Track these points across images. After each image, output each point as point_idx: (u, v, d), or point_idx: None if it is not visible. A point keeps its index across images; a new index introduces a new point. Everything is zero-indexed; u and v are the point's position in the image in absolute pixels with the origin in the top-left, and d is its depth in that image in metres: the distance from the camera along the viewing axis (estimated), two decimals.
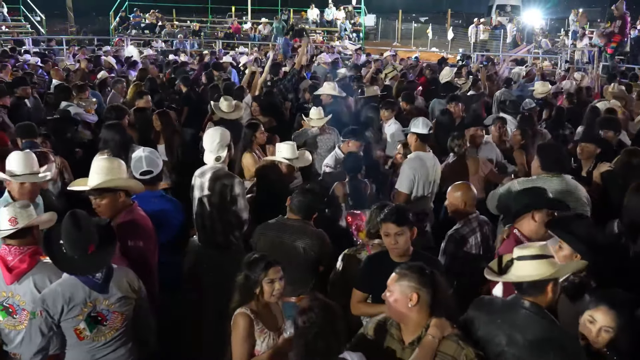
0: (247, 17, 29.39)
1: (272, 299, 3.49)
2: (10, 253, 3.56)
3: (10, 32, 24.56)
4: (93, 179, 4.02)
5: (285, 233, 4.44)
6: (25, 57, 15.48)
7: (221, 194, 4.85)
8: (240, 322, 3.42)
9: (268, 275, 3.44)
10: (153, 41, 23.98)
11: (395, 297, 3.05)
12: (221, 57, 16.08)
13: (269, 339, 3.47)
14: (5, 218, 3.55)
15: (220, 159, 4.98)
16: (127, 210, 4.06)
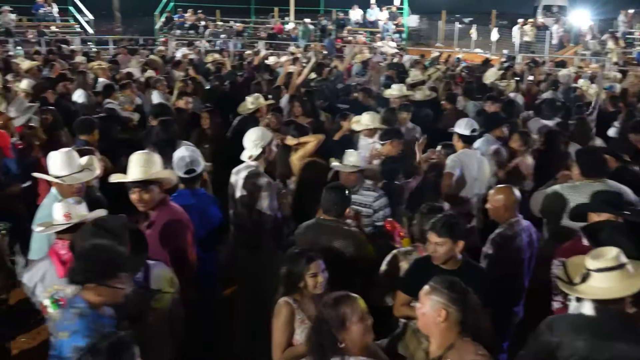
0: (289, 17, 29.48)
1: (317, 291, 3.62)
2: (64, 247, 3.63)
3: (59, 32, 25.19)
4: (135, 172, 4.07)
5: (322, 234, 4.45)
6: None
7: (251, 194, 4.87)
8: (283, 310, 3.58)
9: (310, 269, 3.61)
10: (196, 41, 24.27)
11: (425, 311, 3.02)
12: (267, 57, 16.11)
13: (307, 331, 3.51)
14: (60, 213, 3.64)
15: (252, 158, 5.00)
16: (163, 204, 4.11)
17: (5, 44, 20.30)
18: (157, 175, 4.07)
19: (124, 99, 8.97)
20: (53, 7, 26.27)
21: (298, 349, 3.50)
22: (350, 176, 5.30)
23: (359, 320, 2.99)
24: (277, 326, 3.58)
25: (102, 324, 3.08)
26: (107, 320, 3.15)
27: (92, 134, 6.24)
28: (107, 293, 3.08)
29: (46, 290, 3.66)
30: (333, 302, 3.05)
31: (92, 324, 3.03)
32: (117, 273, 3.09)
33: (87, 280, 3.08)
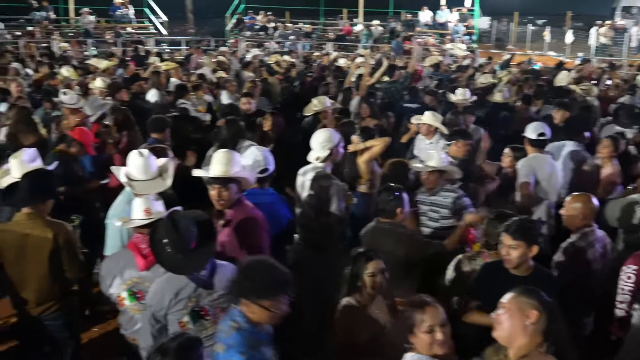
0: (358, 19, 29.46)
1: (374, 292, 3.61)
2: (144, 241, 3.72)
3: (135, 33, 26.02)
4: (217, 169, 4.12)
5: (379, 236, 4.45)
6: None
7: (318, 195, 4.87)
8: (345, 310, 3.58)
9: (368, 269, 3.60)
10: (266, 42, 24.58)
11: (512, 313, 2.88)
12: (336, 59, 16.15)
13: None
14: (141, 209, 3.75)
15: (319, 159, 5.01)
16: (239, 203, 4.15)
17: (82, 45, 21.10)
18: (238, 174, 4.12)
19: (197, 99, 9.16)
20: (129, 9, 27.18)
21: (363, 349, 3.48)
22: (430, 177, 5.30)
23: (427, 331, 2.95)
24: (339, 327, 3.58)
25: (259, 341, 3.07)
26: (265, 336, 3.14)
27: (163, 132, 6.38)
28: (262, 313, 3.05)
29: (124, 282, 3.79)
30: (410, 304, 3.05)
31: (249, 339, 3.02)
32: (277, 295, 3.05)
33: (245, 296, 3.06)
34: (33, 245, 4.17)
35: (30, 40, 21.29)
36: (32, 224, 4.20)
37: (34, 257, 4.19)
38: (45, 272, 4.22)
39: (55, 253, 4.21)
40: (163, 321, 3.47)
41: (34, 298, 4.26)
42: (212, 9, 31.48)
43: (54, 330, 4.39)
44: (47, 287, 4.26)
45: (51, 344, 4.51)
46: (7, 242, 4.19)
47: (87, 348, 5.28)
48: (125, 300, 3.82)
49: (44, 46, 20.95)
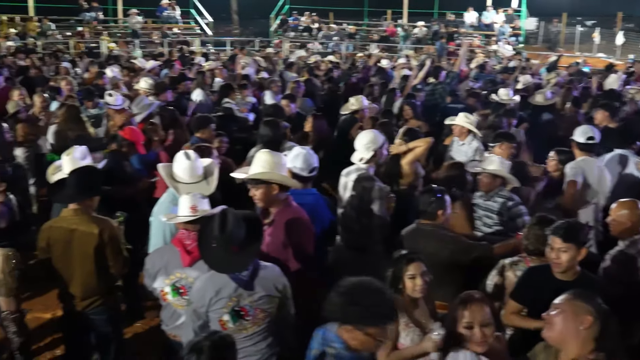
0: (402, 20, 29.30)
1: (415, 294, 3.57)
2: (189, 237, 3.78)
3: (181, 34, 26.43)
4: (252, 170, 4.19)
5: (420, 238, 4.42)
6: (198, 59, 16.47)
7: (361, 197, 4.86)
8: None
9: (409, 271, 3.56)
10: (309, 43, 24.66)
11: (565, 316, 2.82)
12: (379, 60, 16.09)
13: (413, 335, 3.52)
14: (187, 206, 3.79)
15: (362, 160, 4.99)
16: (284, 203, 4.17)
17: (130, 45, 21.52)
18: (269, 177, 4.13)
19: (241, 99, 9.24)
20: (176, 10, 27.59)
21: (403, 353, 3.45)
22: (484, 180, 5.25)
23: (466, 327, 2.96)
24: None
25: None
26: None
27: (208, 131, 6.45)
28: (366, 340, 2.89)
29: (168, 277, 3.84)
30: (460, 299, 3.03)
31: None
32: (380, 323, 2.88)
33: (346, 321, 2.92)
34: (79, 241, 4.27)
35: (80, 41, 21.85)
36: (79, 219, 4.30)
37: (80, 252, 4.29)
38: (90, 267, 4.31)
39: (100, 248, 4.30)
40: (205, 318, 3.50)
41: (79, 292, 4.36)
42: (256, 10, 31.72)
43: (98, 325, 4.48)
44: (92, 282, 4.35)
45: (95, 338, 4.62)
46: (55, 237, 4.31)
47: (129, 343, 5.38)
48: (169, 295, 3.87)
49: (92, 46, 21.49)
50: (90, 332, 4.55)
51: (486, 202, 5.27)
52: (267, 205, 4.17)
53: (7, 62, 13.75)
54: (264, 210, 4.23)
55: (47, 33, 23.38)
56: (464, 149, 6.85)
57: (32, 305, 5.99)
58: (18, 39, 21.26)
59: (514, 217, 5.11)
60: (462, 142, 6.94)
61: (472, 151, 6.81)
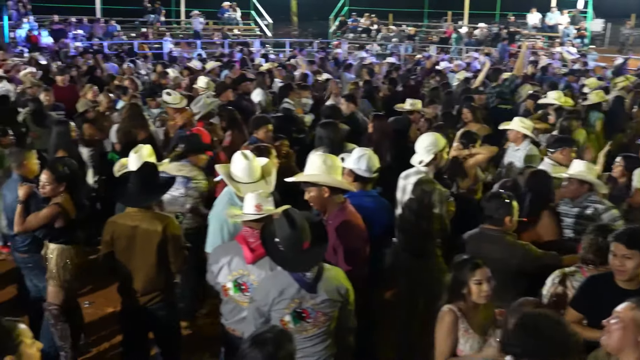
0: (463, 21, 28.90)
1: (480, 300, 3.51)
2: (252, 235, 3.82)
3: (241, 35, 26.79)
4: (305, 172, 4.22)
5: (486, 243, 4.32)
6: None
7: (420, 200, 4.81)
8: (446, 317, 3.49)
9: (475, 276, 3.48)
10: (368, 44, 24.60)
11: (625, 325, 2.72)
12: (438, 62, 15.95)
13: (473, 341, 3.46)
14: (252, 204, 3.83)
15: (422, 163, 4.93)
16: (339, 207, 4.16)
17: (191, 46, 21.96)
18: (317, 179, 4.13)
19: (297, 101, 9.29)
20: (237, 12, 27.99)
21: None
22: (571, 186, 5.12)
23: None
24: (439, 334, 3.51)
25: None
26: None
27: (264, 131, 6.50)
28: None
29: (231, 273, 3.90)
30: (511, 307, 2.98)
31: None
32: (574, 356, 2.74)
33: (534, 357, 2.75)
34: (143, 236, 4.36)
35: (143, 42, 22.42)
36: (142, 215, 4.40)
37: (143, 248, 4.37)
38: (152, 263, 4.39)
39: (163, 244, 4.38)
40: (267, 316, 3.53)
41: (140, 287, 4.44)
42: (316, 11, 31.84)
43: (158, 320, 4.56)
44: (154, 278, 4.43)
45: (155, 332, 4.72)
46: (119, 232, 4.41)
47: (187, 338, 5.48)
48: (230, 290, 3.93)
49: (156, 47, 22.04)
50: (149, 327, 4.64)
51: (573, 209, 5.09)
52: (322, 208, 4.17)
53: (77, 63, 14.21)
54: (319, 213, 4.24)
55: (112, 34, 24.09)
56: (519, 154, 6.61)
57: (95, 299, 6.20)
58: (85, 39, 22.00)
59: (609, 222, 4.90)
60: (517, 147, 6.70)
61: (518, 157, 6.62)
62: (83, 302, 5.89)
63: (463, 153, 5.93)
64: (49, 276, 4.97)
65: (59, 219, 4.87)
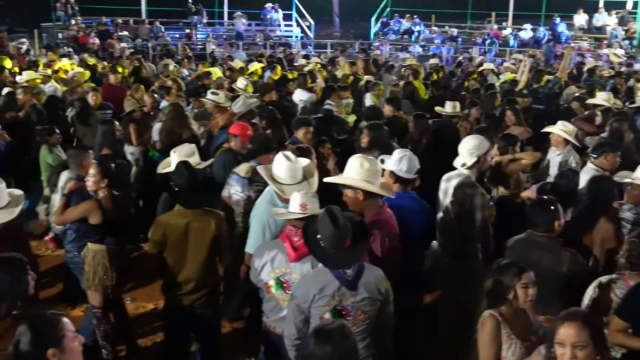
0: (507, 22, 28.48)
1: (525, 304, 3.47)
2: (296, 234, 3.87)
3: (283, 36, 26.93)
4: (343, 174, 4.24)
5: (533, 249, 4.24)
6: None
7: (462, 203, 4.76)
8: (488, 322, 3.44)
9: (522, 280, 3.44)
10: (410, 46, 24.45)
11: None
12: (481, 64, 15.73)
13: (515, 347, 3.42)
14: (297, 203, 3.88)
15: (465, 166, 4.88)
16: (375, 209, 4.17)
17: (234, 47, 22.17)
18: (349, 182, 4.14)
19: (339, 102, 9.29)
20: (279, 13, 28.14)
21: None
22: (633, 192, 5.04)
23: (557, 344, 2.83)
24: (483, 340, 3.46)
25: None
26: None
27: (304, 132, 6.52)
28: None
29: (274, 270, 3.95)
30: (559, 315, 2.92)
31: None
32: None
33: None
34: (195, 233, 4.39)
35: (187, 43, 22.74)
36: (194, 212, 4.43)
37: (196, 244, 4.41)
38: (203, 259, 4.44)
39: (214, 241, 4.44)
40: (306, 314, 3.56)
41: (189, 285, 4.48)
42: (358, 13, 31.80)
43: (204, 317, 4.62)
44: (203, 274, 4.48)
45: (197, 330, 4.77)
46: (171, 230, 4.42)
47: (228, 336, 5.53)
48: (272, 288, 3.98)
49: (199, 47, 22.33)
50: (194, 324, 4.68)
51: (636, 215, 4.97)
52: (358, 210, 4.16)
53: (123, 64, 14.50)
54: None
55: (157, 35, 24.48)
56: (559, 159, 6.48)
57: (136, 295, 6.31)
58: (130, 40, 22.41)
59: None
60: (558, 152, 6.57)
61: (569, 162, 6.46)
62: (125, 298, 6.01)
63: (506, 159, 5.85)
64: (84, 278, 5.06)
65: (94, 215, 4.92)
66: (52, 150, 7.14)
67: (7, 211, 4.22)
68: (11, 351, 2.61)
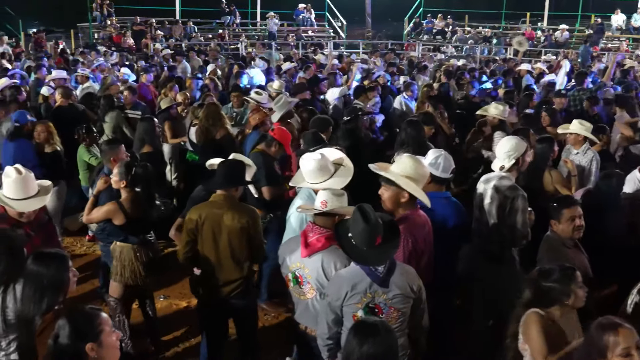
0: (542, 23, 28.10)
1: (580, 303, 3.48)
2: (312, 230, 3.92)
3: (315, 36, 26.97)
4: (392, 169, 4.20)
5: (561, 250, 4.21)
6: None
7: (502, 206, 4.68)
8: (534, 318, 3.41)
9: (577, 280, 3.45)
10: (443, 47, 24.26)
11: None
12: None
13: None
14: (319, 200, 3.92)
15: (503, 168, 4.81)
16: (410, 210, 4.13)
17: (266, 47, 22.24)
18: (399, 181, 4.08)
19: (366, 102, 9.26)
20: (311, 13, 28.19)
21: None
22: None
23: (622, 354, 2.76)
24: (533, 334, 3.39)
25: None
26: None
27: (327, 132, 6.52)
28: None
29: (291, 265, 4.01)
30: (602, 325, 2.85)
31: None
32: None
33: None
34: (228, 224, 4.41)
35: (220, 43, 22.91)
36: (228, 204, 4.45)
37: (229, 235, 4.43)
38: (237, 252, 4.47)
39: (248, 235, 4.45)
40: (339, 312, 3.55)
41: (224, 277, 4.52)
42: (390, 13, 31.71)
43: (239, 310, 4.67)
44: (237, 267, 4.51)
45: (235, 322, 4.83)
46: (204, 220, 4.45)
47: (263, 333, 5.54)
48: (290, 282, 4.06)
49: (232, 48, 22.47)
50: (231, 316, 4.76)
51: None
52: (393, 208, 4.13)
53: (157, 63, 14.65)
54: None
55: (190, 35, 24.71)
56: (578, 158, 6.39)
57: (169, 292, 6.36)
58: (164, 40, 22.66)
59: None
60: (576, 151, 6.49)
61: (587, 161, 6.37)
62: (158, 295, 6.06)
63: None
64: (112, 271, 5.21)
65: (117, 216, 5.03)
66: (89, 149, 7.25)
67: (37, 199, 4.38)
68: (51, 344, 2.65)
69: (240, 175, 4.62)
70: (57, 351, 2.64)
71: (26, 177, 4.34)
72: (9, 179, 4.29)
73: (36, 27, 25.62)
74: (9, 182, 4.29)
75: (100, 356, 2.68)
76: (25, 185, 4.32)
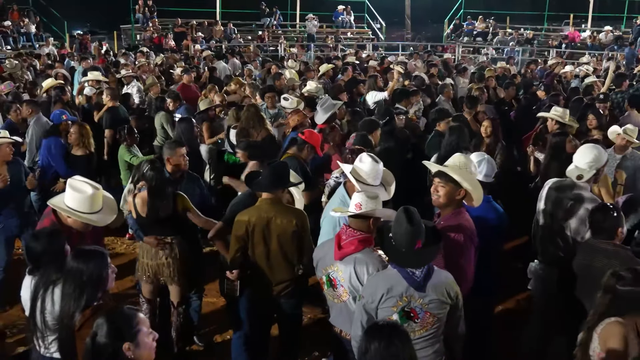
0: (586, 24, 27.54)
1: None
2: (345, 233, 3.90)
3: (354, 38, 26.94)
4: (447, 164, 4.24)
5: (598, 256, 4.12)
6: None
7: (581, 218, 4.66)
8: (618, 327, 3.26)
9: None
10: (483, 48, 23.95)
11: None
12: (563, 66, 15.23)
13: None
14: (354, 202, 3.89)
15: (581, 178, 4.70)
16: (455, 211, 4.12)
17: (305, 48, 22.31)
18: (463, 178, 4.09)
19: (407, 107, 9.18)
20: (351, 15, 28.18)
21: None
22: None
23: None
24: (619, 345, 3.23)
25: None
26: None
27: (373, 134, 6.48)
28: None
29: (325, 267, 4.02)
30: None
31: None
32: None
33: None
34: (278, 227, 4.47)
35: (259, 44, 23.05)
36: (276, 207, 4.51)
37: (279, 238, 4.49)
38: (287, 252, 4.52)
39: (297, 235, 4.50)
40: (373, 314, 3.52)
41: (275, 277, 4.58)
42: (430, 15, 31.51)
43: (288, 309, 4.73)
44: (287, 267, 4.57)
45: (280, 322, 4.88)
46: (254, 224, 4.50)
47: None
48: (325, 285, 4.05)
49: (271, 49, 22.58)
50: (277, 316, 4.82)
51: None
52: (444, 204, 4.13)
53: (197, 64, 14.79)
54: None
55: (230, 37, 24.94)
56: (624, 163, 6.22)
57: (207, 291, 6.37)
58: (204, 42, 22.92)
59: None
60: (619, 156, 6.33)
61: (633, 167, 6.18)
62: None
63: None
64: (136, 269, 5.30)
65: (134, 213, 5.14)
66: (129, 149, 7.34)
67: (108, 214, 4.43)
68: (89, 343, 2.67)
69: (286, 176, 4.65)
70: (95, 350, 2.67)
71: (100, 192, 4.36)
72: (84, 194, 4.26)
73: (80, 28, 26.16)
74: (84, 197, 4.25)
75: (136, 356, 2.69)
76: (98, 200, 4.33)
